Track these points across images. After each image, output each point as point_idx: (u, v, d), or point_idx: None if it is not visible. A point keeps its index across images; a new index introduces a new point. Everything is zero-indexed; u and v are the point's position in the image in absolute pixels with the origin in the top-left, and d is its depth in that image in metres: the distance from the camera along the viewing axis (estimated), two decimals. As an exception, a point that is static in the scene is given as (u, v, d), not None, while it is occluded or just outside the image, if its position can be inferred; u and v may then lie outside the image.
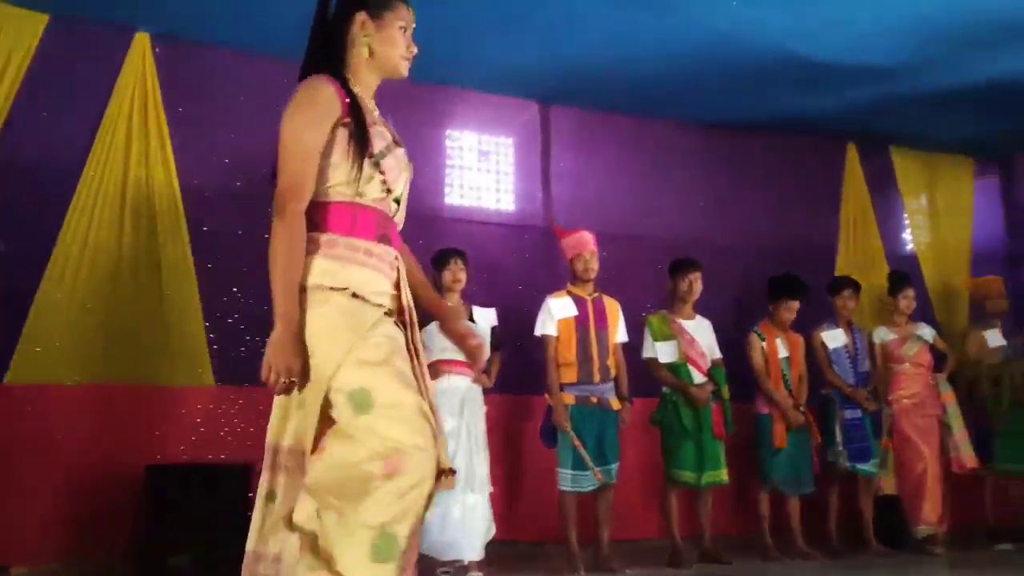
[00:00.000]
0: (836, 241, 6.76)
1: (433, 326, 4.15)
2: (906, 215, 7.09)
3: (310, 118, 1.92)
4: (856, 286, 5.46)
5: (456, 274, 4.48)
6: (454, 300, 4.52)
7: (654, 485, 5.55)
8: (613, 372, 4.58)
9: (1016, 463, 5.46)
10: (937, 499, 5.09)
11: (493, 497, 4.41)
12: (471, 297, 4.81)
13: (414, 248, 5.03)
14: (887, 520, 5.29)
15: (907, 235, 7.11)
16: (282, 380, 1.82)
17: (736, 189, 6.60)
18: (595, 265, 4.58)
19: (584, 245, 4.60)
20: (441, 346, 4.27)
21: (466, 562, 4.17)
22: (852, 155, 6.91)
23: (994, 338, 5.65)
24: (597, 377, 4.48)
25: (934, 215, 7.13)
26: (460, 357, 4.26)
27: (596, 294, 4.65)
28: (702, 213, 6.47)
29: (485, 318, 4.51)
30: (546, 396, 4.50)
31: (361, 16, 2.04)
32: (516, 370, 5.67)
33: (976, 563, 4.73)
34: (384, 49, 2.07)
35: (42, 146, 4.71)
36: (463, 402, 4.30)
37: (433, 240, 5.57)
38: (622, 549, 4.71)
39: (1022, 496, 5.52)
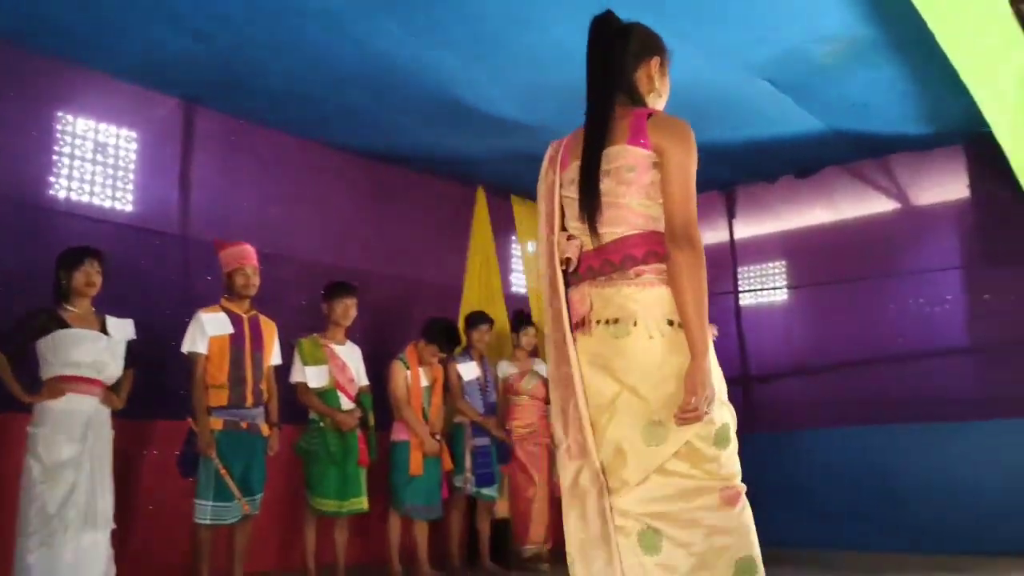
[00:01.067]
0: (463, 276, 7.20)
1: (49, 339, 3.73)
2: (521, 259, 7.81)
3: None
4: (491, 322, 5.86)
5: (91, 277, 3.92)
6: (84, 306, 3.95)
7: (289, 513, 5.40)
8: (266, 396, 4.34)
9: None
10: (544, 520, 5.62)
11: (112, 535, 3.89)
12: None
13: (11, 243, 4.35)
14: (498, 540, 5.71)
15: (521, 277, 7.83)
16: (703, 411, 1.87)
17: (379, 219, 6.74)
18: (257, 281, 4.34)
19: (247, 258, 4.34)
20: (63, 360, 3.72)
21: None
22: (481, 199, 7.44)
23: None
24: (250, 400, 4.23)
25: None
26: (86, 373, 3.73)
27: (253, 312, 4.39)
28: (347, 239, 6.48)
29: (121, 330, 4.01)
30: (188, 420, 4.12)
31: (655, 61, 2.17)
32: (138, 392, 5.13)
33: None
34: (664, 94, 2.22)
35: None
36: (87, 425, 3.76)
37: (39, 235, 4.85)
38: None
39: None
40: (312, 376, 4.72)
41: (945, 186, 6.81)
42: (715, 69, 5.17)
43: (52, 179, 5.07)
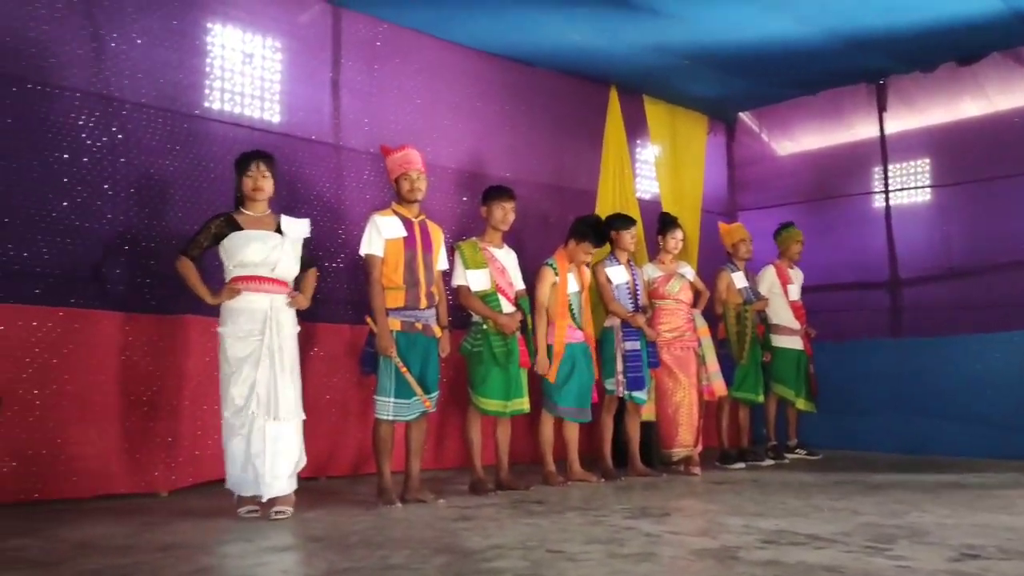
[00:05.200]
0: (597, 180, 7.09)
1: (225, 242, 3.91)
2: (654, 161, 7.62)
3: None
4: (635, 223, 5.76)
5: (257, 181, 4.02)
6: (259, 209, 4.02)
7: (451, 414, 5.55)
8: (436, 299, 4.39)
9: (748, 392, 6.20)
10: (693, 424, 5.61)
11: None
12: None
13: (168, 152, 4.41)
14: (646, 443, 5.74)
15: (654, 180, 7.66)
16: None
17: (515, 122, 6.67)
18: (422, 186, 4.32)
19: (411, 163, 4.31)
20: (237, 261, 3.86)
21: (265, 499, 3.82)
22: (614, 98, 7.25)
23: (740, 280, 6.29)
24: (423, 302, 4.27)
25: (675, 164, 7.74)
26: (260, 272, 3.89)
27: (422, 217, 4.41)
28: (483, 143, 6.45)
29: (295, 229, 4.07)
30: (368, 320, 4.20)
31: None
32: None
33: (733, 480, 5.29)
34: None
35: None
36: (264, 322, 3.86)
37: (194, 144, 4.96)
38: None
39: (748, 421, 6.31)
40: (474, 279, 4.74)
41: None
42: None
43: (205, 90, 5.14)
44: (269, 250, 3.92)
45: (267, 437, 3.81)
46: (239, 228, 3.96)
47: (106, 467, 4.38)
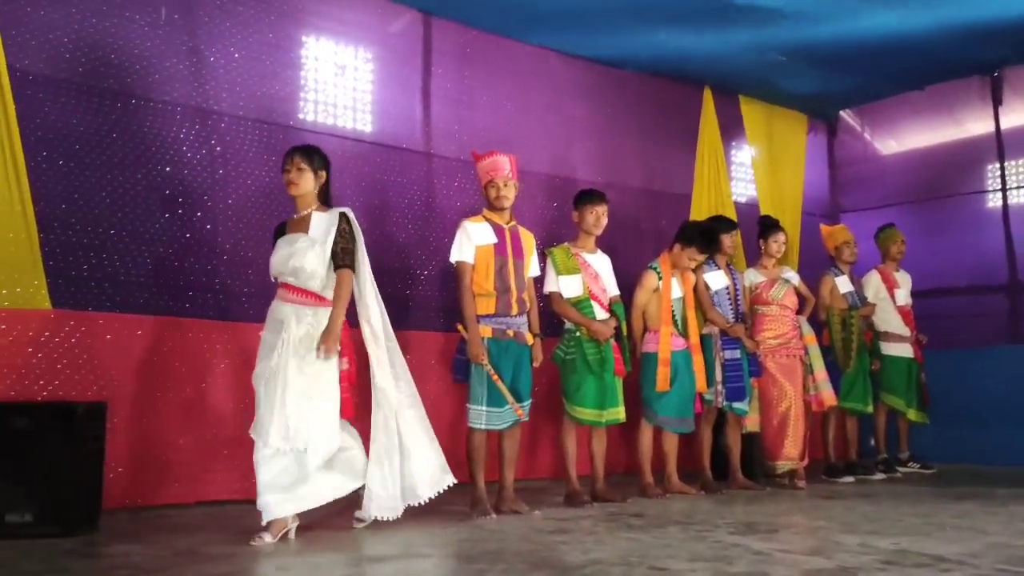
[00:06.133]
0: (692, 183, 6.91)
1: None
2: (751, 163, 7.38)
3: None
4: (736, 227, 5.56)
5: (288, 175, 3.67)
6: (300, 209, 3.71)
7: (545, 423, 5.45)
8: (528, 305, 4.31)
9: (856, 402, 5.90)
10: (799, 436, 5.35)
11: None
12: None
13: (266, 163, 4.38)
14: (747, 455, 5.52)
15: (751, 182, 7.42)
16: None
17: (606, 126, 6.56)
18: (510, 193, 4.24)
19: (497, 170, 4.23)
20: (272, 270, 3.72)
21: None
22: (708, 99, 7.06)
23: (844, 284, 6.01)
24: (515, 309, 4.19)
25: (773, 165, 7.49)
26: (287, 280, 3.62)
27: (513, 223, 4.33)
28: (575, 148, 6.36)
29: (319, 226, 3.63)
30: (459, 327, 4.15)
31: None
32: (391, 302, 5.29)
33: (843, 495, 5.03)
34: None
35: None
36: (282, 331, 3.54)
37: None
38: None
39: (856, 433, 6.00)
40: (566, 286, 4.63)
41: None
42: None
43: (299, 101, 5.20)
44: (287, 257, 3.56)
45: (255, 459, 3.47)
46: (283, 233, 3.71)
47: (205, 474, 4.45)
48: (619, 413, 4.67)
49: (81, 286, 4.26)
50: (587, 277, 4.68)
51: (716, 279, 5.34)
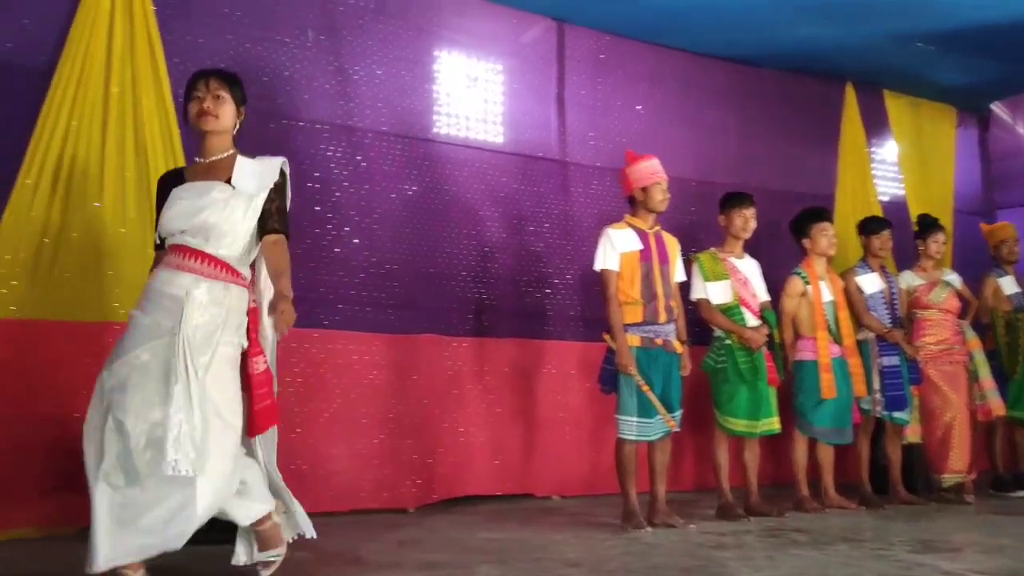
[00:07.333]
0: (834, 184, 6.62)
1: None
2: (897, 160, 7.02)
3: None
4: (891, 227, 5.27)
5: (203, 105, 2.75)
6: (212, 151, 2.79)
7: (688, 433, 5.31)
8: (676, 312, 4.20)
9: (1024, 410, 5.49)
10: (966, 447, 5.01)
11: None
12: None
13: (404, 176, 4.21)
14: (908, 467, 5.21)
15: (894, 180, 7.05)
16: None
17: (743, 127, 6.36)
18: (668, 195, 4.16)
19: (657, 172, 4.14)
20: (163, 227, 2.72)
21: None
22: (850, 96, 6.76)
23: (1009, 285, 5.61)
24: (663, 317, 4.08)
25: (921, 162, 7.10)
26: (194, 243, 2.66)
27: (657, 228, 4.23)
28: (712, 150, 6.19)
29: (252, 175, 2.76)
30: (605, 337, 4.08)
31: None
32: (529, 312, 5.30)
33: (1016, 510, 4.68)
34: None
35: (4, 38, 3.94)
36: (180, 313, 2.58)
37: (427, 167, 5.07)
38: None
39: (1027, 443, 5.58)
40: (715, 292, 4.50)
41: None
42: None
43: (435, 115, 5.25)
44: (197, 209, 2.63)
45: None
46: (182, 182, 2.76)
47: (358, 482, 4.53)
48: (774, 424, 4.49)
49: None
50: (736, 283, 4.53)
51: (871, 282, 5.08)
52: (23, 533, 3.64)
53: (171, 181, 2.77)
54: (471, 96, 5.37)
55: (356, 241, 4.78)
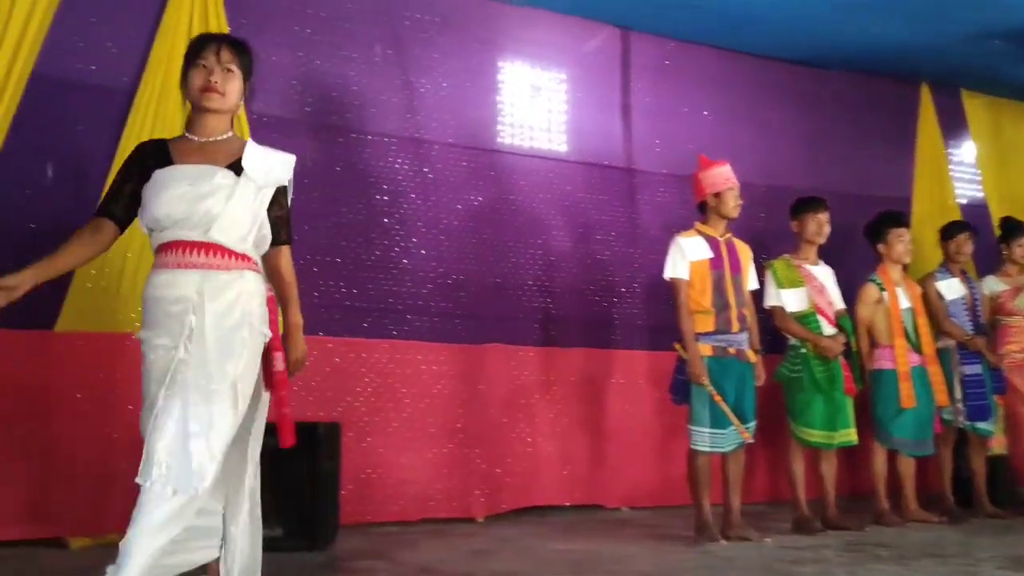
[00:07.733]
0: (910, 187, 6.44)
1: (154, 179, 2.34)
2: (975, 161, 6.79)
3: None
4: (973, 231, 5.09)
5: (208, 77, 2.41)
6: (211, 131, 2.44)
7: (760, 444, 5.21)
8: (749, 321, 4.12)
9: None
10: (1054, 459, 4.82)
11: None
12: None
13: (471, 186, 4.21)
14: (994, 480, 5.01)
15: (972, 182, 6.81)
16: None
17: (814, 130, 6.22)
18: (741, 202, 4.10)
19: (730, 178, 4.08)
20: (150, 218, 2.35)
21: None
22: (926, 97, 6.56)
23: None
24: (735, 326, 4.01)
25: (1001, 163, 6.85)
26: (193, 235, 2.31)
27: (728, 235, 4.17)
28: (781, 155, 6.07)
29: (264, 165, 2.43)
30: (676, 346, 4.02)
31: None
32: (596, 322, 5.27)
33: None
34: None
35: (88, 60, 4.05)
36: (187, 316, 2.28)
37: (492, 177, 5.08)
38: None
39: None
40: (789, 300, 4.40)
41: None
42: None
43: (499, 125, 5.26)
44: (199, 196, 2.29)
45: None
46: (169, 163, 2.37)
47: (428, 491, 4.55)
48: (851, 435, 4.37)
49: (310, 311, 4.48)
50: (811, 290, 4.43)
51: (951, 288, 4.92)
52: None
53: (153, 156, 2.37)
54: (535, 106, 5.37)
55: (423, 252, 4.81)
